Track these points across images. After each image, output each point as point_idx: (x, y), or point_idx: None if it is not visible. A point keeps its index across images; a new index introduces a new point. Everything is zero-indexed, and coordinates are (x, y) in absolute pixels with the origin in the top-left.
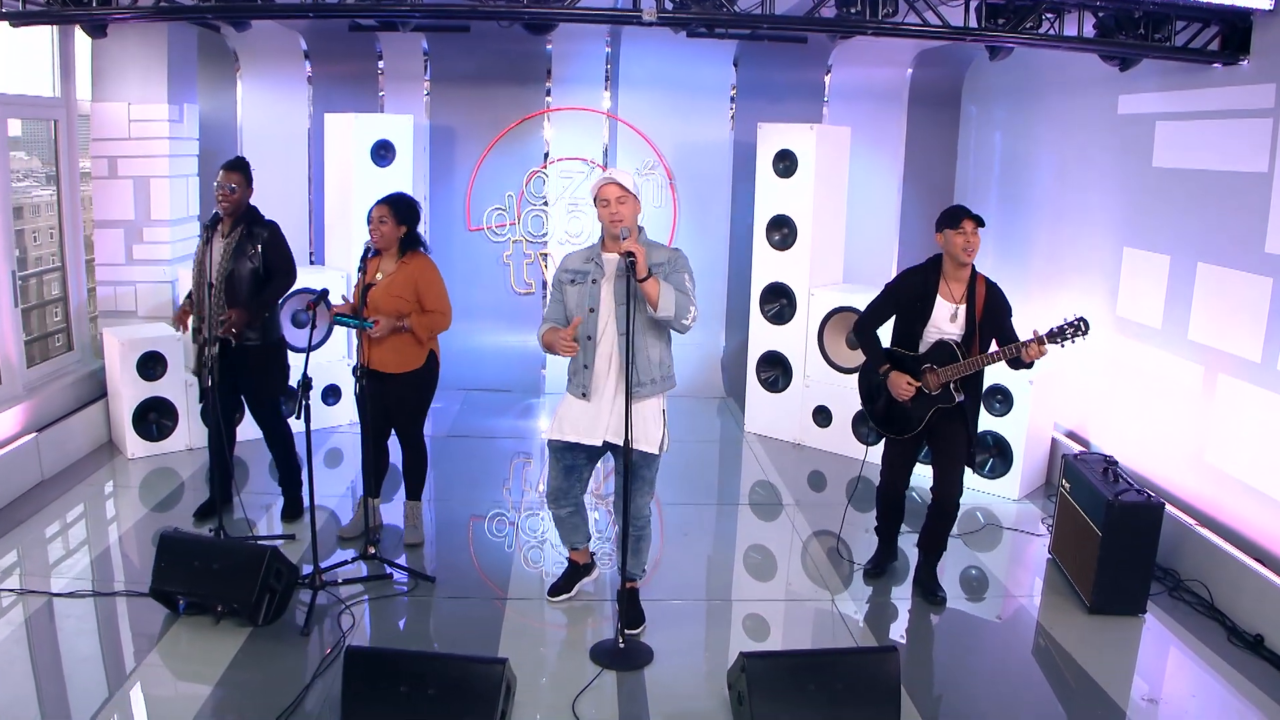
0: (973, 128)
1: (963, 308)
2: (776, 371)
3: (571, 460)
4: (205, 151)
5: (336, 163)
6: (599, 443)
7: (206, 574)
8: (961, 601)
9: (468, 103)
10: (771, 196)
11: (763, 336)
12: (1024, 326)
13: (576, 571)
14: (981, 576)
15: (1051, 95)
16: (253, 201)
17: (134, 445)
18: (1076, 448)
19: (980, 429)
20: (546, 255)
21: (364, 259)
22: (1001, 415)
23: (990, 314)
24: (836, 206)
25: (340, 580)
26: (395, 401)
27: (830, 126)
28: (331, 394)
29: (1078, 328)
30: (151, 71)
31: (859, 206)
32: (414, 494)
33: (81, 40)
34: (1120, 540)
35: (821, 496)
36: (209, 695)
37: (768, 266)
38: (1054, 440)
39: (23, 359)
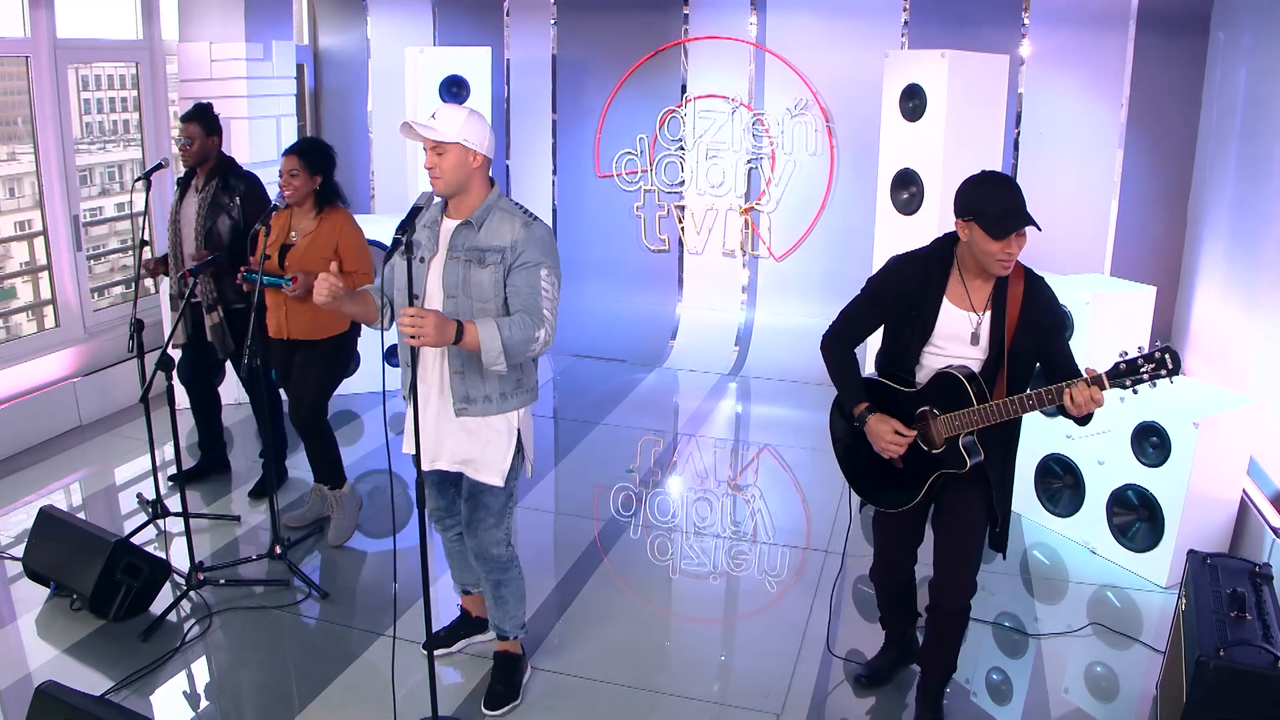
0: (1219, 62)
1: (986, 319)
2: None
3: (440, 474)
4: (332, 90)
5: (410, 102)
6: (441, 466)
7: (63, 558)
8: None
9: (597, 33)
10: (897, 145)
11: None
12: (1224, 345)
13: (465, 625)
14: (1040, 712)
15: None
16: (380, 143)
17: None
18: (1275, 519)
19: (1124, 482)
20: (684, 208)
21: (268, 215)
22: (1155, 465)
23: (1029, 329)
24: (984, 158)
25: (222, 580)
26: (299, 373)
27: (974, 54)
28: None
29: (1159, 364)
30: (231, 8)
31: (1061, 165)
32: (329, 479)
33: None
34: (1213, 716)
35: None
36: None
37: (891, 235)
38: (1244, 502)
39: (86, 302)
